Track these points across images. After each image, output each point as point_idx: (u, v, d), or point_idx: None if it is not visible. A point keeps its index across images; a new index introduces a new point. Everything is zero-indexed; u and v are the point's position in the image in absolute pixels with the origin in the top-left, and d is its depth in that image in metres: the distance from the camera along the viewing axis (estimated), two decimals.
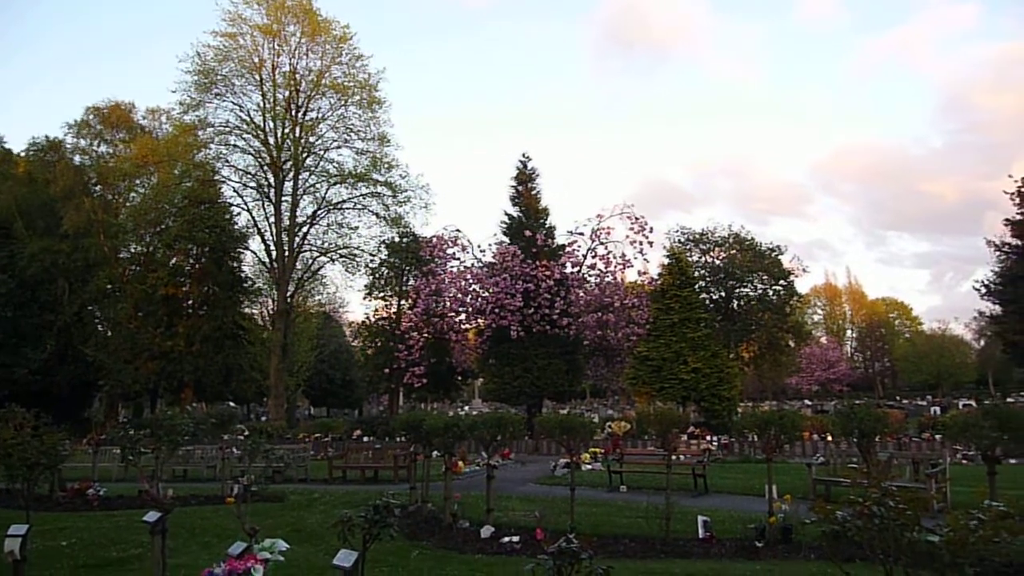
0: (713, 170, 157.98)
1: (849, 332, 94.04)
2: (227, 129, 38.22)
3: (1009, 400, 44.35)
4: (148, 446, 11.78)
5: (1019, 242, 39.44)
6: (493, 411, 20.88)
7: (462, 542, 11.08)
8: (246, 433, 28.25)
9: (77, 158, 43.98)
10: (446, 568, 9.44)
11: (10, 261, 39.69)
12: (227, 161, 38.98)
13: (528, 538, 10.89)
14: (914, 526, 2.92)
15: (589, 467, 21.42)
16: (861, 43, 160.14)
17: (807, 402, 62.76)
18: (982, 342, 76.96)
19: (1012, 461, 21.34)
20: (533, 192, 36.62)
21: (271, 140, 38.32)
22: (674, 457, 13.08)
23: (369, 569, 4.32)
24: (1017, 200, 39.57)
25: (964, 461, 22.21)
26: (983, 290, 41.55)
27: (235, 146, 38.59)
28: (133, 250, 44.17)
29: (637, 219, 34.63)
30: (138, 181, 41.72)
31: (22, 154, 45.20)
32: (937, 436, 25.34)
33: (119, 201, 43.66)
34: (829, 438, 26.30)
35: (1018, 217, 39.44)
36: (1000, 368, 73.19)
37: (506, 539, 10.97)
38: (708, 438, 27.49)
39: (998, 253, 40.80)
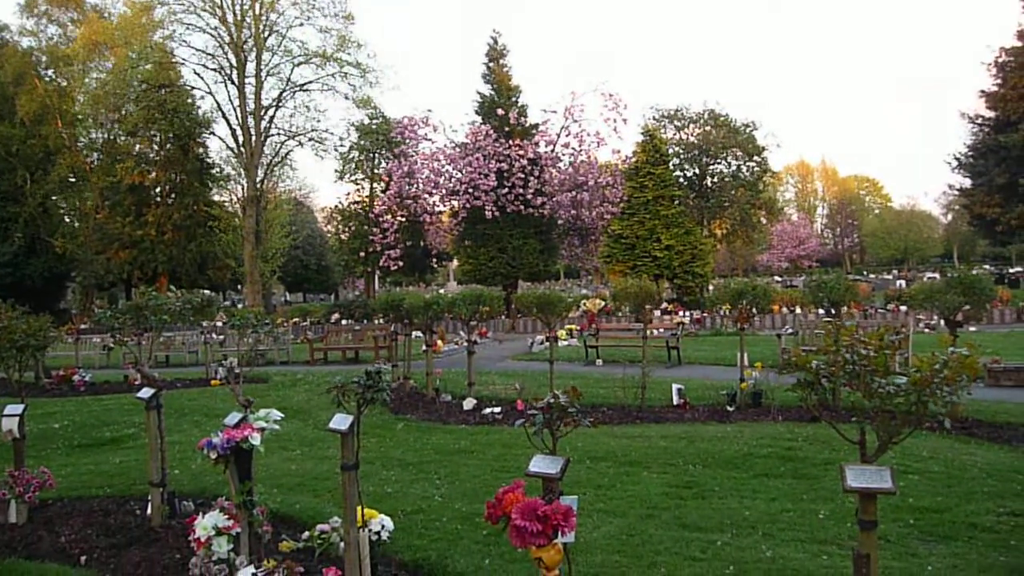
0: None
1: (820, 209, 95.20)
2: (183, 6, 36.31)
3: (973, 272, 45.42)
4: (132, 334, 11.79)
5: (993, 114, 39.25)
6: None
7: (445, 414, 11.47)
8: (225, 320, 28.42)
9: (25, 41, 41.92)
10: (431, 437, 9.81)
11: None
12: (185, 41, 37.22)
13: (509, 409, 11.33)
14: (883, 370, 3.11)
15: (565, 343, 21.98)
16: None
17: (777, 278, 63.83)
18: (949, 216, 78.27)
19: (972, 328, 22.21)
20: (504, 69, 35.72)
21: (229, 17, 36.48)
22: (648, 331, 13.43)
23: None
24: (993, 71, 39.09)
25: (927, 330, 23.06)
26: (954, 163, 41.71)
27: (192, 25, 36.77)
28: (93, 137, 42.86)
29: (611, 96, 34.09)
30: (92, 65, 39.97)
31: None
32: (902, 307, 26.19)
33: (74, 86, 41.95)
34: (798, 310, 27.08)
35: (993, 88, 39.06)
36: (965, 242, 74.99)
37: (487, 410, 11.37)
38: (681, 313, 28.14)
39: (971, 126, 40.77)
